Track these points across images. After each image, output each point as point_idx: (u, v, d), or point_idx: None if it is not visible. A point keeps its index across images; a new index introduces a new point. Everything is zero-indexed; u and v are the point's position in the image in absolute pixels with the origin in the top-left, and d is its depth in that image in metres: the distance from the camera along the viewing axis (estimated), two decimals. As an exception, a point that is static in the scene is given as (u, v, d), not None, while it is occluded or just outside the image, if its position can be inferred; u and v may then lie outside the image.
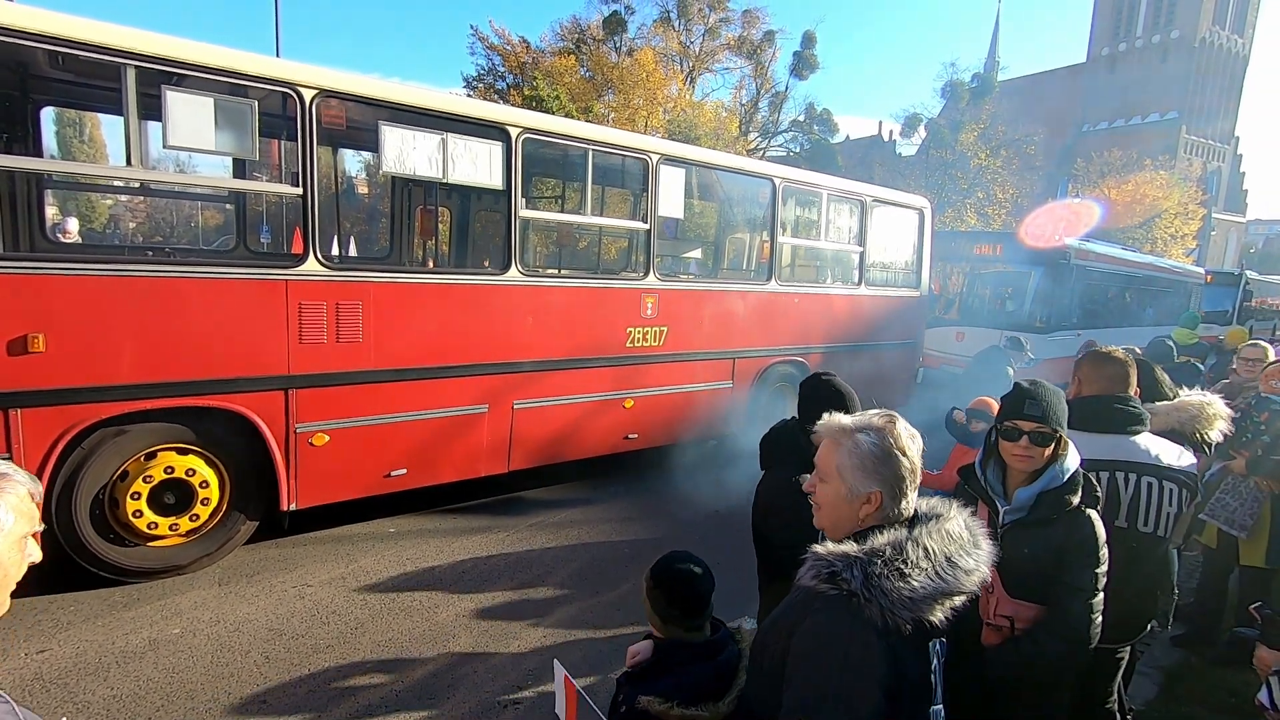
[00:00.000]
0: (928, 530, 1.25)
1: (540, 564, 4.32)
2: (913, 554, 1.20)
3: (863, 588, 1.17)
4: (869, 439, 1.30)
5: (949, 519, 1.29)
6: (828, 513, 1.35)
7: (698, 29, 28.87)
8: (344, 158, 7.29)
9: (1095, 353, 2.42)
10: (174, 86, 3.40)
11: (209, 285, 3.63)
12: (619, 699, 1.57)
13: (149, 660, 3.07)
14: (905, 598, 1.17)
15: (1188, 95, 47.45)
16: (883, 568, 1.19)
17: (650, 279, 5.49)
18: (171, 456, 3.67)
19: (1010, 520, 1.85)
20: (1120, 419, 2.22)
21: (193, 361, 3.60)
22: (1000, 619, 1.84)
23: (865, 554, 1.21)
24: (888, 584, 1.17)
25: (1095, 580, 1.75)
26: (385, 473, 4.36)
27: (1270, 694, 1.43)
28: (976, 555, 1.25)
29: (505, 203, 4.67)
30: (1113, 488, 2.13)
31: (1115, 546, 1.88)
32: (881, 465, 1.28)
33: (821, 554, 1.24)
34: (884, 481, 1.28)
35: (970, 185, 27.32)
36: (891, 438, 1.30)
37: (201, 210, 24.86)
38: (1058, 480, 1.80)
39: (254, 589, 3.78)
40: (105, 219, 23.83)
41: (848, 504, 1.31)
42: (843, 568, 1.20)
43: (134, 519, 3.57)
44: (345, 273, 4.12)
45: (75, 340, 3.26)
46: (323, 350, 3.98)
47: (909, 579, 1.18)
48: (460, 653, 3.30)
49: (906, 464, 1.29)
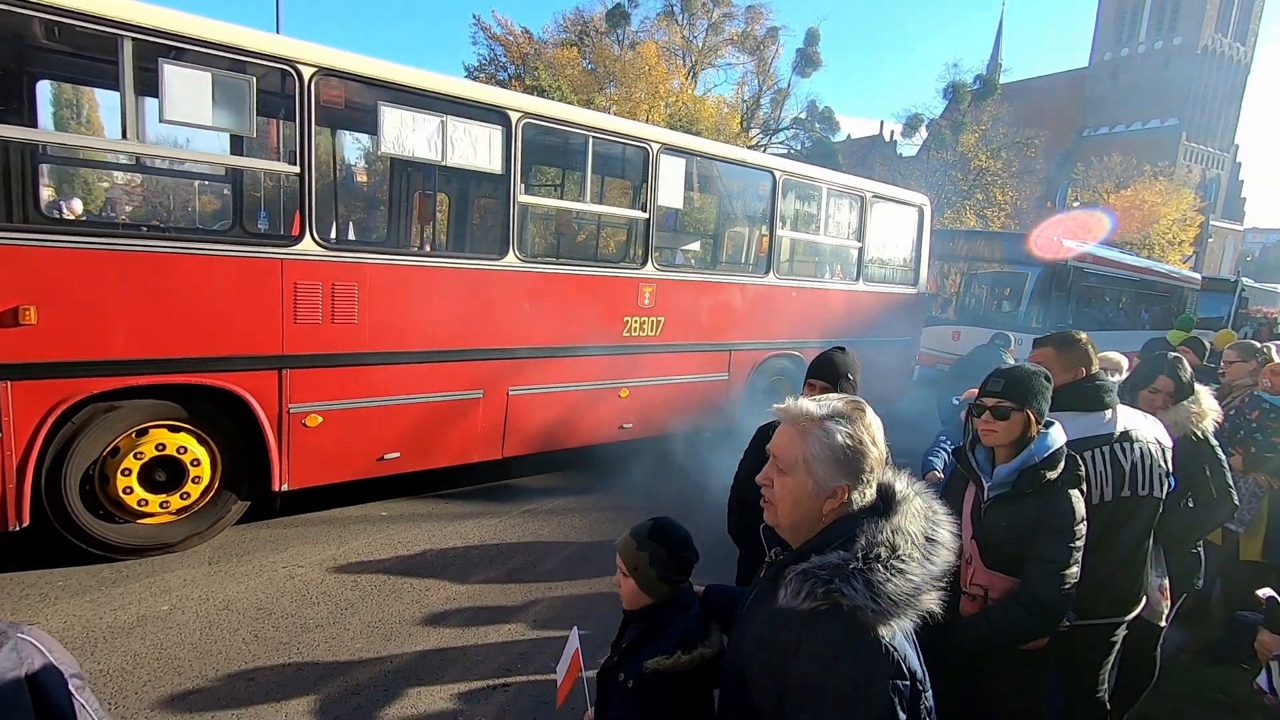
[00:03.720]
0: (903, 514, 1.16)
1: (532, 550, 4.32)
2: (904, 546, 1.12)
3: (869, 600, 1.06)
4: (841, 428, 1.19)
5: (909, 495, 1.20)
6: (787, 509, 1.22)
7: (701, 23, 28.79)
8: (343, 141, 7.24)
9: (1060, 334, 2.45)
10: (172, 60, 3.37)
11: (204, 263, 3.60)
12: (619, 678, 1.55)
13: (136, 636, 3.05)
14: (907, 595, 1.08)
15: (1189, 102, 47.49)
16: (884, 572, 1.09)
17: (648, 269, 5.48)
18: (163, 434, 3.65)
19: (993, 496, 1.92)
20: (1094, 397, 2.26)
21: (186, 339, 3.57)
22: (975, 588, 1.91)
23: (863, 561, 1.09)
24: (892, 587, 1.07)
25: (1067, 555, 1.79)
26: (378, 456, 4.34)
27: (1270, 678, 1.44)
28: (942, 523, 1.20)
29: (504, 187, 4.65)
30: (1100, 463, 2.16)
31: (1106, 517, 1.95)
32: (854, 457, 1.18)
33: (807, 569, 1.11)
34: (853, 475, 1.18)
35: (970, 187, 27.35)
36: (863, 427, 1.21)
37: (198, 195, 24.73)
38: (1035, 457, 1.86)
39: (244, 568, 3.77)
40: (101, 202, 23.68)
41: (813, 499, 1.19)
42: (840, 582, 1.07)
43: (124, 495, 3.56)
44: (341, 253, 4.10)
45: (67, 314, 3.24)
46: (317, 331, 3.96)
47: (907, 575, 1.09)
48: (450, 635, 3.30)
49: (876, 454, 1.19)
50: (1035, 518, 1.83)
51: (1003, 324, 10.00)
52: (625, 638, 1.65)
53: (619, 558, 1.61)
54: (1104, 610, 2.17)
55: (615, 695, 1.56)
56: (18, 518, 3.29)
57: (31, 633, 1.03)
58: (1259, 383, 3.74)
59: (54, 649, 1.05)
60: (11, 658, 0.96)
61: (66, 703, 1.03)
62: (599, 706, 1.62)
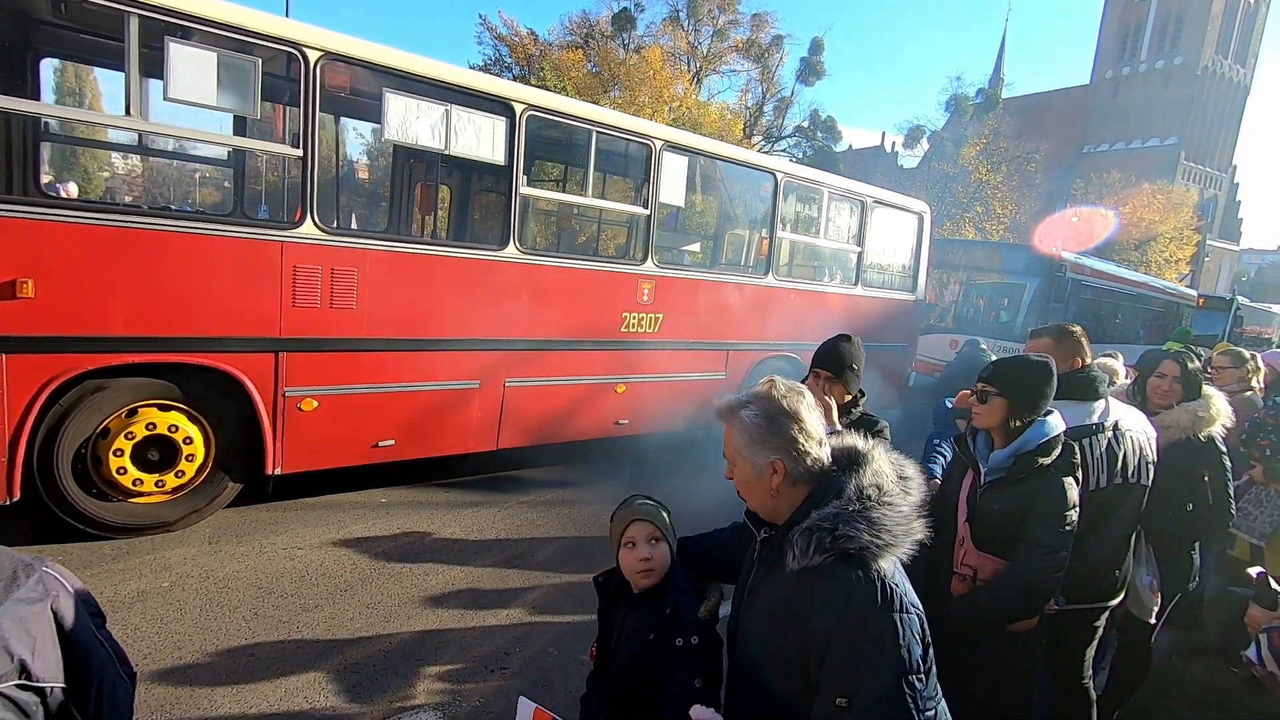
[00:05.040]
0: (873, 461, 1.26)
1: (530, 539, 4.35)
2: (885, 484, 1.22)
3: (872, 537, 1.15)
4: (751, 411, 1.29)
5: (872, 448, 1.29)
6: (749, 495, 1.33)
7: (706, 30, 28.86)
8: (347, 129, 7.25)
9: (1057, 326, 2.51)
10: (177, 39, 3.37)
11: (204, 242, 3.60)
12: (677, 645, 1.53)
13: (136, 610, 3.06)
14: (902, 525, 1.18)
15: (1189, 122, 47.83)
16: (879, 508, 1.18)
17: (648, 265, 5.48)
18: (153, 413, 3.62)
19: (989, 481, 1.97)
20: (1088, 387, 2.31)
21: (183, 318, 3.57)
22: (965, 569, 1.96)
23: (858, 503, 1.19)
24: (889, 520, 1.17)
25: (1058, 539, 1.82)
26: (373, 443, 4.33)
27: (1258, 650, 1.49)
28: (906, 463, 1.30)
29: (506, 179, 4.66)
30: (1097, 450, 2.20)
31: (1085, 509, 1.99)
32: (770, 433, 1.26)
33: (809, 526, 1.18)
34: (778, 447, 1.25)
35: (970, 199, 27.48)
36: (771, 401, 1.28)
37: (199, 184, 24.63)
38: (1030, 444, 1.90)
39: (244, 549, 3.78)
40: (102, 189, 23.65)
41: (757, 480, 1.28)
42: (844, 527, 1.16)
43: (118, 475, 3.54)
44: (342, 238, 4.09)
45: (66, 289, 3.23)
46: (315, 315, 3.95)
47: (897, 506, 1.19)
48: (449, 617, 3.32)
49: (793, 424, 1.26)
50: (1028, 503, 1.86)
51: (1000, 334, 10.06)
52: (630, 617, 1.63)
53: (651, 526, 1.63)
54: (1091, 595, 2.23)
55: (677, 665, 1.52)
56: (9, 492, 3.27)
57: (56, 568, 1.09)
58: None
59: (76, 585, 1.11)
60: (38, 589, 1.02)
61: (88, 634, 1.09)
62: (651, 687, 1.55)
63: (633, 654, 1.59)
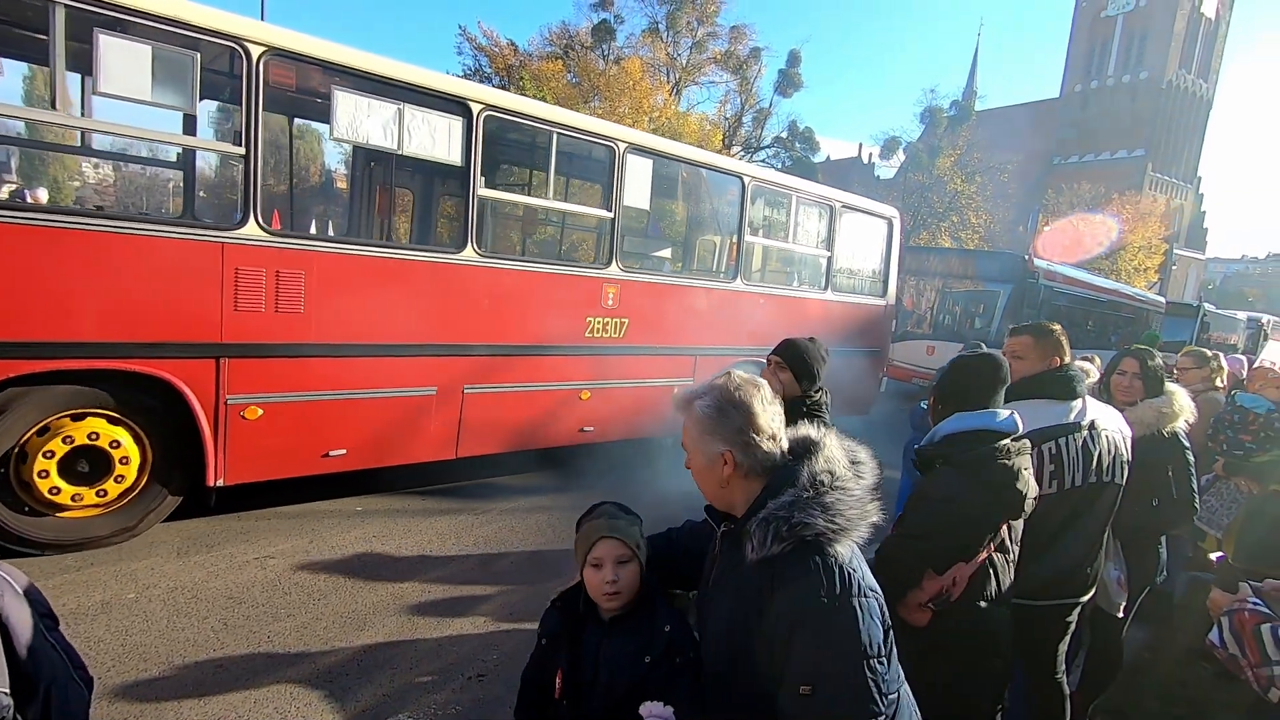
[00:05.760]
0: (825, 449, 1.27)
1: (510, 546, 4.27)
2: (838, 470, 1.23)
3: (828, 522, 1.16)
4: (704, 402, 1.31)
5: (824, 436, 1.31)
6: (702, 485, 1.34)
7: (685, 41, 29.08)
8: (302, 129, 7.10)
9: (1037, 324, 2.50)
10: (108, 31, 3.23)
11: (139, 243, 3.43)
12: (676, 663, 1.43)
13: (100, 622, 2.92)
14: (857, 508, 1.19)
15: (1155, 134, 49.11)
16: (833, 494, 1.19)
17: (612, 269, 5.39)
18: (68, 423, 3.41)
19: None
20: (1066, 386, 2.29)
21: (116, 322, 3.39)
22: None
23: (813, 490, 1.19)
24: (843, 504, 1.18)
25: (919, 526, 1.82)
26: (323, 452, 4.17)
27: (1220, 633, 1.51)
28: (858, 448, 1.33)
29: (463, 180, 4.55)
30: (1072, 449, 2.19)
31: (1060, 507, 2.11)
32: (719, 424, 1.27)
33: (766, 515, 1.18)
34: (726, 438, 1.27)
35: (945, 209, 27.89)
36: (723, 393, 1.30)
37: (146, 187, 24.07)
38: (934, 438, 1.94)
39: (213, 559, 3.65)
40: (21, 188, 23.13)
41: (710, 471, 1.29)
42: (800, 514, 1.16)
43: (41, 484, 3.34)
44: (288, 239, 3.95)
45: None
46: (260, 320, 3.79)
47: (850, 491, 1.21)
48: (425, 626, 3.22)
49: (741, 415, 1.27)
50: (919, 490, 1.92)
51: (975, 339, 10.14)
52: (609, 641, 1.48)
53: (619, 545, 1.47)
54: (1064, 591, 2.23)
55: (679, 682, 1.40)
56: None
57: (3, 566, 1.04)
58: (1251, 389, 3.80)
59: (25, 583, 1.06)
60: None
61: (37, 636, 1.02)
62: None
63: (632, 683, 1.41)
